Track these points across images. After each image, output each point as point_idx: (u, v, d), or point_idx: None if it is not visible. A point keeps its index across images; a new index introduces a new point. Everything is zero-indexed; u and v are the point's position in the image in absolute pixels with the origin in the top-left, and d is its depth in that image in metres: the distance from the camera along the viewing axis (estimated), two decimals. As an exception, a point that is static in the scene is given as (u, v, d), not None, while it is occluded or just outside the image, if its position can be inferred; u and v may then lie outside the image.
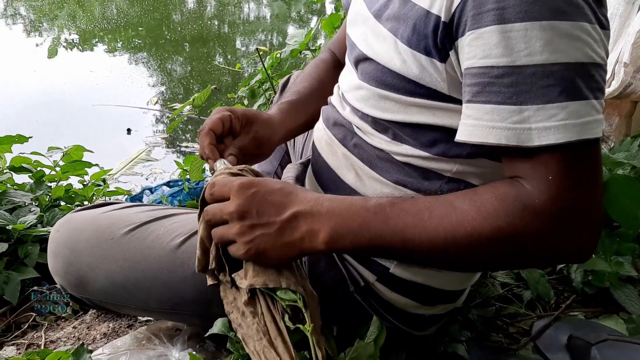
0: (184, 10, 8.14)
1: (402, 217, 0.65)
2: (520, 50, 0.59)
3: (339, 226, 0.66)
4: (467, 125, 0.64)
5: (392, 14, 0.76)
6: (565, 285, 1.25)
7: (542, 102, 0.59)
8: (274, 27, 7.74)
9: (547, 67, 0.59)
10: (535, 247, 0.60)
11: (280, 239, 0.68)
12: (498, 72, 0.61)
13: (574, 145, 0.58)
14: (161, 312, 1.00)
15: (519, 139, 0.60)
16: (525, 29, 0.59)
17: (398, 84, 0.75)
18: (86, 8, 7.44)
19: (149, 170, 3.30)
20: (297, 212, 0.68)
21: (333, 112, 0.93)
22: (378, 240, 0.65)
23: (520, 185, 0.61)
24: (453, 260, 0.65)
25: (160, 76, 5.31)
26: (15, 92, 4.37)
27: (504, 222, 0.60)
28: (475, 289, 1.19)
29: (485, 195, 0.62)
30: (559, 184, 0.59)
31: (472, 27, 0.63)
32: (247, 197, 0.69)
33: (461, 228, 0.61)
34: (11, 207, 1.52)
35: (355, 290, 0.89)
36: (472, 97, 0.64)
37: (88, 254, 0.97)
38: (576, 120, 0.58)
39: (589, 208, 0.60)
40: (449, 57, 0.68)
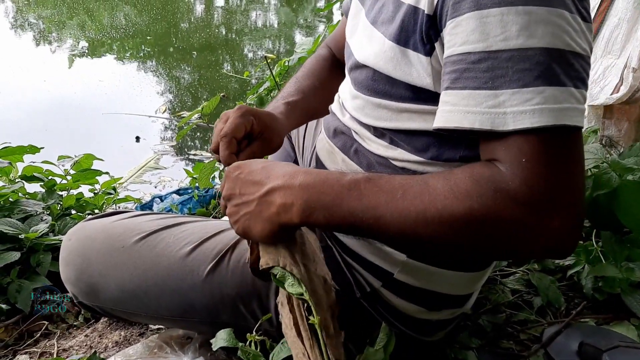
0: (192, 19, 8.19)
1: (375, 194, 0.64)
2: (497, 35, 0.59)
3: (312, 200, 0.66)
4: (443, 112, 0.64)
5: (386, 17, 0.78)
6: (575, 292, 1.25)
7: (517, 87, 0.58)
8: (281, 34, 7.77)
9: (523, 51, 0.58)
10: (508, 232, 0.58)
11: (259, 214, 0.70)
12: (475, 58, 0.61)
13: (550, 130, 0.57)
14: (171, 320, 1.01)
15: (493, 124, 0.59)
16: (501, 14, 0.59)
17: (389, 89, 0.76)
18: (95, 18, 7.50)
19: (157, 178, 3.32)
20: (271, 187, 0.69)
21: (334, 120, 0.94)
22: (350, 216, 0.64)
23: (496, 167, 0.59)
24: (424, 241, 0.62)
25: (169, 84, 5.34)
26: (25, 101, 4.40)
27: (476, 202, 0.58)
28: (485, 296, 1.19)
29: (459, 175, 0.61)
30: (533, 167, 0.57)
31: (451, 16, 0.63)
32: (232, 179, 0.74)
33: (432, 207, 0.60)
34: (23, 216, 1.54)
35: (362, 296, 0.89)
36: (450, 84, 0.63)
37: (99, 262, 0.98)
38: (553, 105, 0.57)
39: (566, 196, 0.57)
40: (434, 51, 0.69)
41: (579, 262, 1.22)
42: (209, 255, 0.94)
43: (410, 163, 0.78)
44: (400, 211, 0.61)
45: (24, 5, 7.99)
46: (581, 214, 0.60)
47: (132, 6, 8.18)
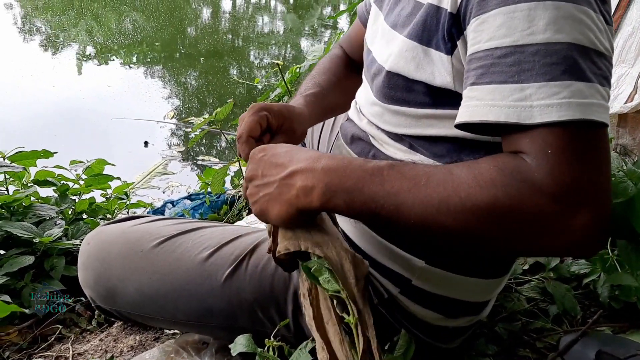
0: (199, 25, 8.23)
1: (398, 180, 0.63)
2: (524, 30, 0.59)
3: (333, 183, 0.66)
4: (468, 107, 0.63)
5: (406, 19, 0.78)
6: (591, 300, 1.24)
7: (544, 80, 0.57)
8: (288, 40, 7.80)
9: (550, 45, 0.58)
10: (531, 223, 0.57)
11: (279, 197, 0.70)
12: (501, 53, 0.60)
13: (576, 123, 0.56)
14: (188, 325, 1.01)
15: (519, 117, 0.58)
16: (529, 8, 0.59)
17: (407, 96, 0.76)
18: (103, 24, 7.55)
19: (165, 184, 3.33)
20: (293, 170, 0.69)
21: (351, 126, 0.94)
22: (371, 202, 0.64)
23: (521, 158, 0.58)
24: (445, 230, 0.61)
25: (176, 90, 5.36)
26: (35, 107, 4.42)
27: (500, 192, 0.57)
28: (501, 304, 1.18)
29: (484, 165, 0.60)
30: (559, 159, 0.56)
31: (477, 13, 0.63)
32: (256, 160, 0.74)
33: (455, 195, 0.59)
34: (37, 220, 1.54)
35: (379, 302, 0.89)
36: (476, 80, 0.63)
37: (118, 266, 0.99)
38: (580, 100, 0.56)
39: (593, 191, 0.56)
40: (456, 49, 0.69)
41: (595, 270, 1.21)
42: (227, 260, 0.94)
43: None
44: (422, 198, 0.60)
45: (33, 10, 8.04)
46: (607, 211, 0.58)
47: (140, 12, 8.23)
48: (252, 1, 10.31)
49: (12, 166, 1.64)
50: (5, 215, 1.54)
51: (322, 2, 10.36)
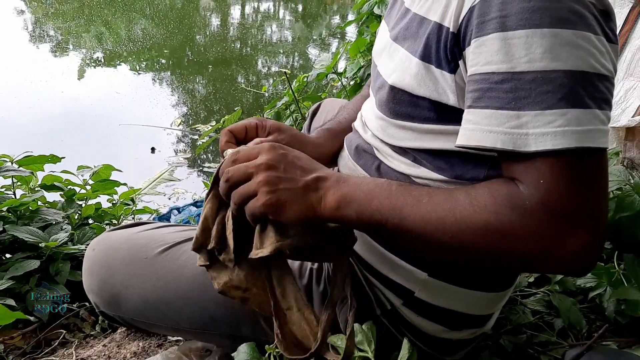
0: (208, 33, 8.27)
1: (403, 195, 0.67)
2: (521, 57, 0.60)
3: (348, 194, 0.70)
4: (466, 130, 0.65)
5: (410, 34, 0.79)
6: (597, 314, 1.23)
7: (540, 108, 0.59)
8: (296, 49, 7.83)
9: (547, 73, 0.59)
10: (523, 247, 0.59)
11: (302, 196, 0.70)
12: (498, 78, 0.61)
13: (571, 152, 0.58)
14: (191, 332, 1.01)
15: (515, 144, 0.60)
16: (527, 36, 0.60)
17: (412, 111, 0.77)
18: (113, 30, 7.61)
19: (171, 190, 3.34)
20: (320, 176, 0.72)
21: (356, 137, 0.94)
22: (378, 214, 0.67)
23: (514, 185, 0.61)
24: (442, 247, 0.65)
25: (184, 97, 5.38)
26: (43, 112, 4.46)
27: (492, 217, 0.60)
28: (506, 316, 1.18)
29: (480, 190, 0.63)
30: (551, 188, 0.58)
31: (476, 35, 0.64)
32: (277, 154, 0.73)
33: (451, 215, 0.62)
34: (43, 224, 1.55)
35: (382, 313, 0.89)
36: (473, 103, 0.64)
37: (123, 272, 0.99)
38: (576, 128, 0.58)
39: (584, 217, 0.58)
40: (459, 68, 0.69)
41: (601, 284, 1.20)
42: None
43: (433, 181, 0.78)
44: (423, 215, 0.64)
45: (44, 17, 8.12)
46: (600, 235, 0.60)
47: (149, 20, 8.29)
48: (260, 10, 10.37)
49: (20, 170, 1.65)
50: (12, 219, 1.54)
51: (331, 12, 10.41)
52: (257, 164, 0.72)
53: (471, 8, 0.65)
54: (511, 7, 0.61)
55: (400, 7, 0.88)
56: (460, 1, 0.67)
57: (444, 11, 0.70)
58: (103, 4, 8.79)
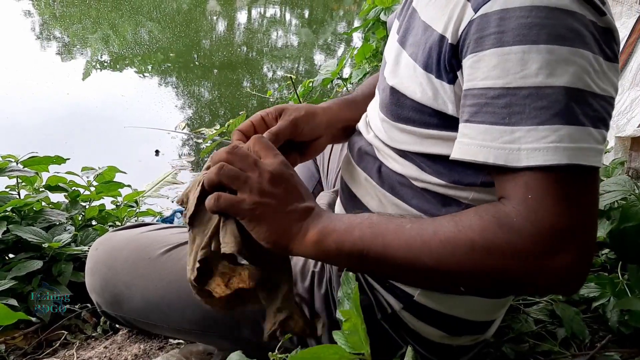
0: (214, 37, 8.31)
1: (385, 223, 0.67)
2: (516, 73, 0.60)
3: (329, 225, 0.69)
4: (461, 144, 0.66)
5: (415, 40, 0.79)
6: (600, 325, 1.22)
7: (533, 124, 0.59)
8: (301, 54, 7.85)
9: (542, 89, 0.59)
10: (509, 266, 0.59)
11: (284, 221, 0.70)
12: (494, 94, 0.62)
13: (562, 168, 0.58)
14: (192, 333, 1.01)
15: (507, 159, 0.60)
16: (523, 51, 0.60)
17: (414, 116, 0.77)
18: (119, 33, 7.64)
19: (174, 193, 3.34)
20: (309, 207, 0.72)
21: (358, 138, 0.94)
22: (360, 242, 0.67)
23: (501, 204, 0.61)
24: (428, 271, 0.64)
25: (189, 100, 5.40)
26: (49, 113, 4.48)
27: (478, 235, 0.60)
28: (508, 325, 1.17)
29: (466, 213, 0.64)
30: (538, 205, 0.58)
31: (473, 50, 0.64)
32: (286, 172, 0.73)
33: (436, 238, 0.62)
34: (47, 225, 1.55)
35: (382, 317, 0.89)
36: (470, 117, 0.65)
37: (125, 273, 0.99)
38: (568, 144, 0.58)
39: (572, 234, 0.58)
40: (457, 79, 0.70)
41: (605, 294, 1.20)
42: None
43: (432, 185, 0.78)
44: (407, 239, 0.64)
45: (51, 19, 8.16)
46: (588, 254, 0.60)
47: (156, 23, 8.32)
48: (267, 15, 10.41)
49: (25, 171, 1.66)
50: (16, 219, 1.55)
51: (337, 17, 10.44)
52: (263, 167, 0.71)
53: (470, 22, 0.66)
54: (509, 23, 0.61)
55: (409, 6, 0.88)
56: (460, 14, 0.67)
57: (447, 23, 0.70)
58: (110, 7, 8.83)
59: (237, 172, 0.70)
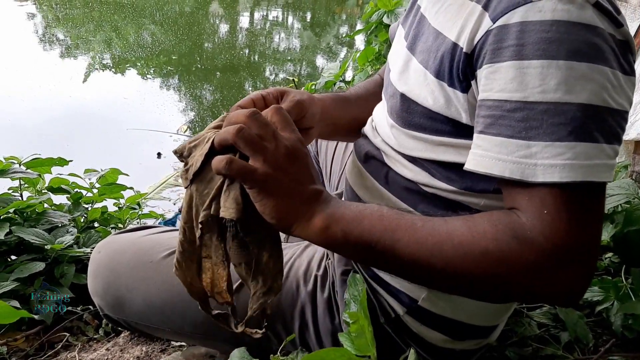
0: (217, 40, 8.32)
1: (396, 219, 0.66)
2: (535, 87, 0.60)
3: (337, 212, 0.68)
4: (475, 155, 0.66)
5: (425, 47, 0.78)
6: (604, 328, 1.22)
7: (550, 140, 0.59)
8: (304, 57, 7.86)
9: (560, 105, 0.59)
10: (519, 277, 0.60)
11: (294, 199, 0.67)
12: (511, 107, 0.62)
13: (576, 185, 0.58)
14: (194, 337, 1.01)
15: (523, 174, 0.60)
16: (542, 66, 0.60)
17: (425, 123, 0.77)
18: (122, 36, 7.66)
19: (176, 195, 3.34)
20: (318, 189, 0.70)
21: (365, 142, 0.94)
22: (368, 235, 0.66)
23: (516, 215, 0.61)
24: (436, 272, 0.64)
25: (191, 103, 5.41)
26: (52, 115, 4.49)
27: (492, 244, 0.60)
28: (511, 328, 1.17)
29: (478, 218, 0.63)
30: (553, 220, 0.59)
31: (490, 60, 0.64)
32: (301, 151, 0.70)
33: (449, 241, 0.62)
34: (49, 227, 1.55)
35: (385, 321, 0.89)
36: (484, 129, 0.65)
37: (128, 276, 0.99)
38: (583, 162, 0.58)
39: (581, 251, 0.59)
40: (471, 87, 0.69)
41: (608, 298, 1.20)
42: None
43: (442, 191, 0.78)
44: (418, 238, 0.64)
45: (54, 21, 8.18)
46: (593, 268, 0.61)
47: (159, 25, 8.34)
48: (269, 18, 10.42)
49: (27, 172, 1.66)
50: (18, 221, 1.55)
51: (339, 20, 10.45)
52: (281, 141, 0.67)
53: (488, 32, 0.65)
54: (529, 36, 0.61)
55: (416, 12, 0.88)
56: (477, 23, 0.67)
57: (460, 31, 0.70)
58: (113, 10, 8.86)
59: (256, 139, 0.66)
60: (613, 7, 0.65)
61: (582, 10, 0.61)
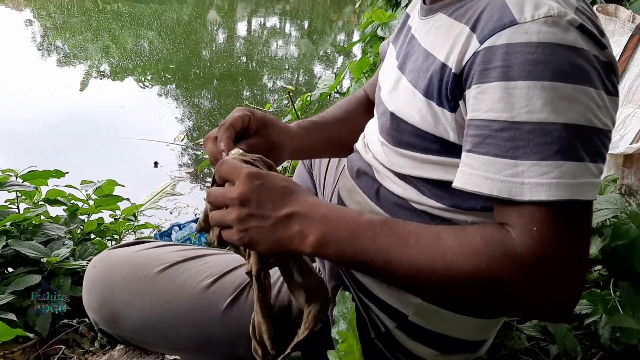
0: (214, 48, 8.34)
1: (389, 237, 0.66)
2: (521, 107, 0.61)
3: (328, 233, 0.68)
4: (464, 174, 0.67)
5: (415, 67, 0.80)
6: (592, 341, 1.23)
7: (536, 159, 0.60)
8: (301, 65, 7.88)
9: (545, 125, 0.60)
10: (509, 294, 0.61)
11: (272, 234, 0.69)
12: (498, 126, 0.63)
13: (563, 203, 0.60)
14: (189, 352, 1.01)
15: (510, 192, 0.61)
16: (528, 87, 0.61)
17: (414, 141, 0.78)
18: (119, 44, 7.67)
19: (173, 204, 3.35)
20: (293, 212, 0.70)
21: (357, 159, 0.96)
22: (362, 254, 0.67)
23: (507, 231, 0.62)
24: (428, 290, 0.66)
25: (189, 112, 5.42)
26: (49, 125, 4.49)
27: (484, 262, 0.60)
28: (501, 341, 1.18)
29: (471, 234, 0.63)
30: (542, 237, 0.59)
31: (478, 81, 0.65)
32: (251, 187, 0.71)
33: (441, 260, 0.62)
34: (45, 239, 1.56)
35: (376, 336, 0.89)
36: (472, 147, 0.66)
37: (122, 291, 1.00)
38: (569, 180, 0.59)
39: (570, 266, 0.60)
40: (459, 107, 0.71)
41: (597, 311, 1.21)
42: (228, 289, 0.95)
43: (431, 208, 0.79)
44: (410, 257, 0.64)
45: (52, 30, 8.20)
46: (581, 285, 0.62)
47: (156, 34, 8.36)
48: (267, 26, 10.46)
49: (24, 185, 1.67)
50: (15, 233, 1.56)
51: (336, 29, 10.49)
52: (232, 197, 0.72)
53: (476, 53, 0.67)
54: (515, 57, 0.63)
55: (407, 33, 0.90)
56: (465, 45, 0.69)
57: (449, 52, 0.71)
58: (111, 18, 8.89)
59: (220, 215, 0.73)
60: (597, 29, 0.67)
61: (567, 33, 0.63)
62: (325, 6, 12.80)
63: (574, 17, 0.64)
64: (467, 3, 0.75)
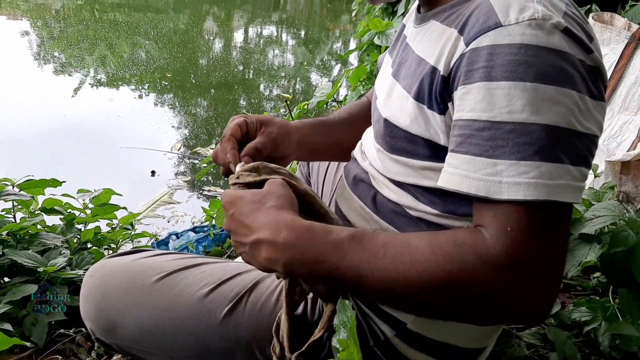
0: (211, 57, 8.35)
1: (357, 253, 0.66)
2: (502, 107, 0.62)
3: (295, 258, 0.68)
4: (447, 173, 0.68)
5: (409, 73, 0.81)
6: (592, 349, 1.23)
7: (515, 159, 0.61)
8: (298, 74, 7.90)
9: (525, 126, 0.61)
10: (485, 297, 0.60)
11: (253, 258, 0.73)
12: (479, 126, 0.64)
13: (540, 204, 0.60)
14: (186, 360, 1.01)
15: (488, 191, 0.62)
16: (509, 87, 0.62)
17: (407, 146, 0.79)
18: (116, 53, 7.68)
19: (170, 213, 3.34)
20: (257, 239, 0.71)
21: (354, 166, 0.96)
22: (333, 273, 0.67)
23: (480, 233, 0.62)
24: (402, 300, 0.65)
25: (185, 121, 5.42)
26: (46, 135, 4.48)
27: (456, 266, 0.60)
28: (501, 349, 1.18)
29: (443, 239, 0.63)
30: (516, 237, 0.59)
31: (463, 82, 0.66)
32: (227, 217, 0.75)
33: (412, 269, 0.62)
34: (42, 249, 1.56)
35: (375, 344, 0.89)
36: (455, 147, 0.67)
37: (119, 300, 0.99)
38: (547, 181, 0.60)
39: (545, 268, 0.60)
40: (448, 110, 0.71)
41: (596, 318, 1.21)
42: (226, 298, 0.95)
43: (426, 214, 0.80)
44: (381, 271, 0.64)
45: (49, 39, 8.20)
46: (557, 287, 0.62)
47: (153, 43, 8.38)
48: (263, 34, 10.49)
49: (21, 194, 1.67)
50: (11, 243, 1.55)
51: (333, 37, 10.53)
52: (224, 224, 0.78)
53: (462, 55, 0.68)
54: (498, 58, 0.63)
55: (402, 42, 0.91)
56: (453, 47, 0.70)
57: (439, 55, 0.72)
58: (107, 28, 8.90)
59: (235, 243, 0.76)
60: (586, 34, 0.67)
61: (551, 36, 0.63)
62: (321, 15, 12.88)
63: (559, 21, 0.64)
64: (459, 9, 0.76)
